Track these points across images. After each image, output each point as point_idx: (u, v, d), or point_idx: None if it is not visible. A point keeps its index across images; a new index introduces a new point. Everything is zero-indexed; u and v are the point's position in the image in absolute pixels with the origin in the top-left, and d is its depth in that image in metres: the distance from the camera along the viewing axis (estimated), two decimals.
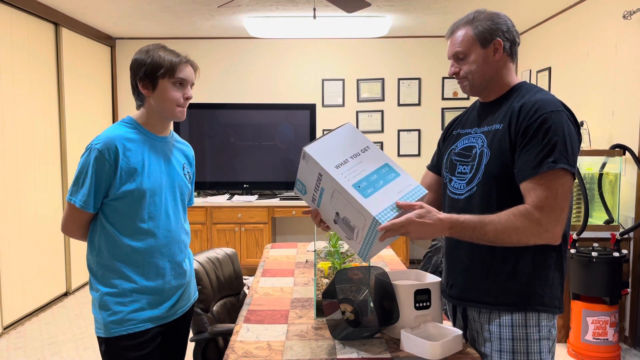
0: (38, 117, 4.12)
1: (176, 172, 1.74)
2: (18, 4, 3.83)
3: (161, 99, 1.63)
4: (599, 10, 3.81)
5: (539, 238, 1.33)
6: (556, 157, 1.31)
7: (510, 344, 1.42)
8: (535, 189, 1.32)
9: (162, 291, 1.67)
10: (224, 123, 5.32)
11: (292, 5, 4.24)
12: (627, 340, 3.45)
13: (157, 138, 1.69)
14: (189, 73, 1.67)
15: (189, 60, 1.68)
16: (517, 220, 1.31)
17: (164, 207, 1.67)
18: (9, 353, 3.36)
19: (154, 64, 1.61)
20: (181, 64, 1.64)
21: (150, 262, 1.64)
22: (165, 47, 1.68)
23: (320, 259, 1.95)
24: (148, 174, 1.62)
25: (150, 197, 1.62)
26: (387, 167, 1.42)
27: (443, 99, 5.58)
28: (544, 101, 1.37)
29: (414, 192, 1.38)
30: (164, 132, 1.73)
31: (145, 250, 1.63)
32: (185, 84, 1.66)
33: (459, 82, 1.53)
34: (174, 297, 1.72)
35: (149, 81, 1.62)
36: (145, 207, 1.61)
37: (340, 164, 1.38)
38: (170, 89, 1.63)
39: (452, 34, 1.50)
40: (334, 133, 1.45)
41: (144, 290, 1.63)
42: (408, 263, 5.11)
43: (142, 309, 1.63)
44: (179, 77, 1.63)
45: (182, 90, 1.65)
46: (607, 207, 3.47)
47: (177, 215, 1.74)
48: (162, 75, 1.62)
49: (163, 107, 1.64)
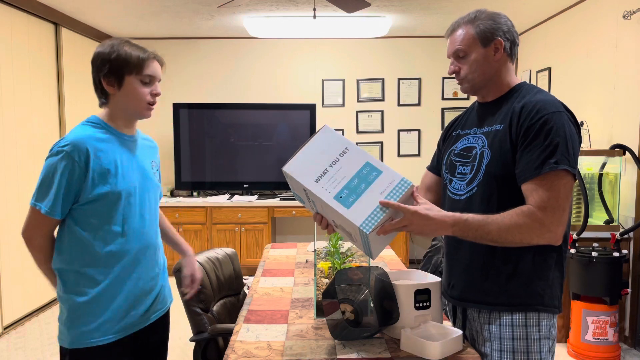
0: (38, 117, 4.12)
1: (148, 171, 1.67)
2: (18, 4, 3.83)
3: (128, 96, 1.55)
4: (599, 10, 3.81)
5: (541, 238, 1.33)
6: (558, 158, 1.31)
7: (510, 344, 1.42)
8: (537, 189, 1.32)
9: (136, 296, 1.59)
10: (224, 123, 5.32)
11: (292, 5, 4.24)
12: (627, 340, 3.45)
13: (127, 137, 1.61)
14: (157, 69, 1.59)
15: (156, 56, 1.60)
16: (521, 220, 1.31)
17: (138, 209, 1.60)
18: (9, 353, 3.36)
19: (120, 60, 1.52)
20: (149, 60, 1.55)
21: (124, 267, 1.56)
22: (129, 41, 1.58)
23: (320, 259, 1.95)
24: (122, 174, 1.55)
25: (125, 199, 1.55)
26: (368, 166, 1.38)
27: (443, 99, 5.58)
28: (545, 102, 1.38)
29: (398, 187, 1.34)
30: (132, 130, 1.65)
31: (119, 253, 1.54)
32: (153, 81, 1.58)
33: (458, 81, 1.52)
34: (147, 301, 1.64)
35: (115, 78, 1.53)
36: (120, 209, 1.54)
37: (320, 176, 1.38)
38: (137, 86, 1.54)
39: (452, 33, 1.49)
40: (311, 142, 1.43)
41: (117, 297, 1.55)
42: (408, 263, 5.11)
43: (114, 317, 1.54)
44: (146, 74, 1.55)
45: (149, 87, 1.57)
46: (607, 207, 3.47)
47: (152, 216, 1.67)
48: (129, 72, 1.53)
49: (130, 105, 1.56)
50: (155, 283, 1.68)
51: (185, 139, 5.29)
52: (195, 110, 5.28)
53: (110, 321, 1.54)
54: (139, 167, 1.63)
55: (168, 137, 5.46)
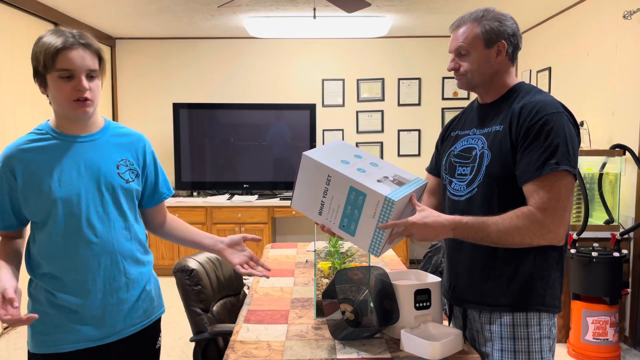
0: (38, 117, 4.12)
1: (105, 173, 1.47)
2: (18, 4, 3.83)
3: (53, 98, 1.39)
4: (599, 10, 3.81)
5: (542, 239, 1.33)
6: (558, 159, 1.31)
7: (511, 343, 1.42)
8: (538, 190, 1.32)
9: (90, 309, 1.44)
10: (224, 123, 5.32)
11: (292, 5, 4.23)
12: (627, 340, 3.45)
13: (77, 138, 1.45)
14: (77, 59, 1.33)
15: (76, 43, 1.34)
16: (520, 222, 1.32)
17: (85, 216, 1.42)
18: (9, 353, 3.36)
19: (36, 57, 1.34)
20: (64, 51, 1.32)
21: (75, 279, 1.42)
22: (57, 29, 1.36)
23: (320, 259, 1.95)
24: (59, 181, 1.40)
25: (66, 208, 1.40)
26: (354, 190, 1.37)
27: (443, 99, 5.58)
28: (545, 102, 1.38)
29: (385, 207, 1.32)
30: (85, 129, 1.47)
31: (66, 266, 1.42)
32: (75, 74, 1.34)
33: (456, 78, 1.52)
34: (107, 315, 1.47)
35: (38, 79, 1.38)
36: (61, 219, 1.40)
37: (320, 209, 1.44)
38: (57, 84, 1.34)
39: (457, 28, 1.48)
40: (299, 176, 1.46)
41: (71, 308, 1.43)
42: (408, 263, 5.11)
43: (70, 329, 1.43)
44: (61, 68, 1.32)
45: (71, 82, 1.34)
46: (607, 207, 3.47)
47: (108, 223, 1.47)
48: (45, 69, 1.33)
49: (58, 107, 1.40)
50: (121, 295, 1.49)
51: (185, 139, 5.29)
52: (195, 110, 5.28)
53: (66, 333, 1.44)
54: (91, 170, 1.45)
55: (168, 137, 5.46)
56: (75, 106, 1.37)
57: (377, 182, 1.37)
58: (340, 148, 1.51)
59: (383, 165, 1.47)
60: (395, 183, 1.39)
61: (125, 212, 1.51)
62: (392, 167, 1.47)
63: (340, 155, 1.46)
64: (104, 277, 1.45)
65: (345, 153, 1.48)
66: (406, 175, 1.45)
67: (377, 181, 1.37)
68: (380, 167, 1.45)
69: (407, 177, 1.44)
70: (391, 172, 1.44)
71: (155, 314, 1.61)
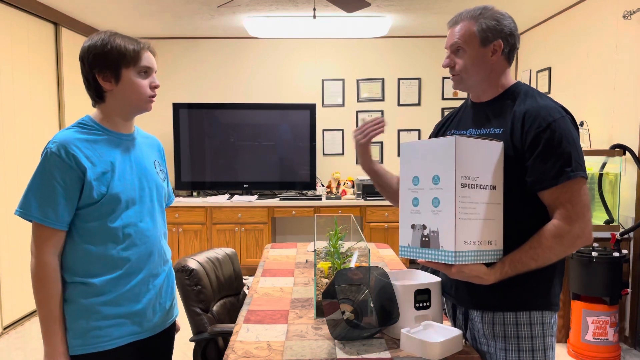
0: (38, 117, 4.12)
1: (149, 172, 1.57)
2: (18, 4, 3.83)
3: (127, 91, 1.47)
4: (599, 10, 3.81)
5: (575, 247, 1.35)
6: (573, 167, 1.33)
7: (515, 342, 1.43)
8: (561, 201, 1.34)
9: (142, 309, 1.51)
10: (224, 123, 5.32)
11: (292, 5, 4.23)
12: (627, 340, 3.45)
13: (124, 136, 1.53)
14: (152, 60, 1.52)
15: (149, 47, 1.53)
16: (557, 245, 1.33)
17: (138, 213, 1.50)
18: (9, 353, 3.36)
19: (115, 53, 1.44)
20: (143, 51, 1.49)
21: (128, 276, 1.47)
22: (118, 33, 1.50)
23: (320, 259, 1.95)
24: (119, 177, 1.46)
25: (124, 203, 1.46)
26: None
27: (443, 99, 5.58)
28: (549, 108, 1.38)
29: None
30: (129, 128, 1.56)
31: (121, 261, 1.46)
32: (150, 72, 1.51)
33: (452, 78, 1.51)
34: (157, 313, 1.56)
35: (111, 72, 1.45)
36: (119, 214, 1.45)
37: None
38: (136, 79, 1.47)
39: (454, 24, 1.47)
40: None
41: (122, 311, 1.47)
42: (408, 263, 5.11)
43: (115, 324, 1.47)
44: (143, 65, 1.48)
45: (147, 79, 1.50)
46: (607, 207, 3.47)
47: (155, 221, 1.56)
48: (126, 65, 1.45)
49: (130, 100, 1.48)
50: (159, 291, 1.57)
51: (185, 139, 5.29)
52: (195, 110, 5.28)
53: (111, 327, 1.46)
54: (139, 168, 1.54)
55: (168, 137, 5.46)
56: (148, 100, 1.51)
57: (410, 227, 1.38)
58: (433, 154, 1.34)
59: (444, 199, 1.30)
60: (424, 238, 1.35)
61: (163, 211, 1.64)
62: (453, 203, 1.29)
63: (423, 169, 1.36)
64: (152, 275, 1.55)
65: (431, 167, 1.34)
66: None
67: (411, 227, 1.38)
68: (439, 207, 1.32)
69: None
70: (438, 222, 1.31)
71: (176, 310, 1.72)
